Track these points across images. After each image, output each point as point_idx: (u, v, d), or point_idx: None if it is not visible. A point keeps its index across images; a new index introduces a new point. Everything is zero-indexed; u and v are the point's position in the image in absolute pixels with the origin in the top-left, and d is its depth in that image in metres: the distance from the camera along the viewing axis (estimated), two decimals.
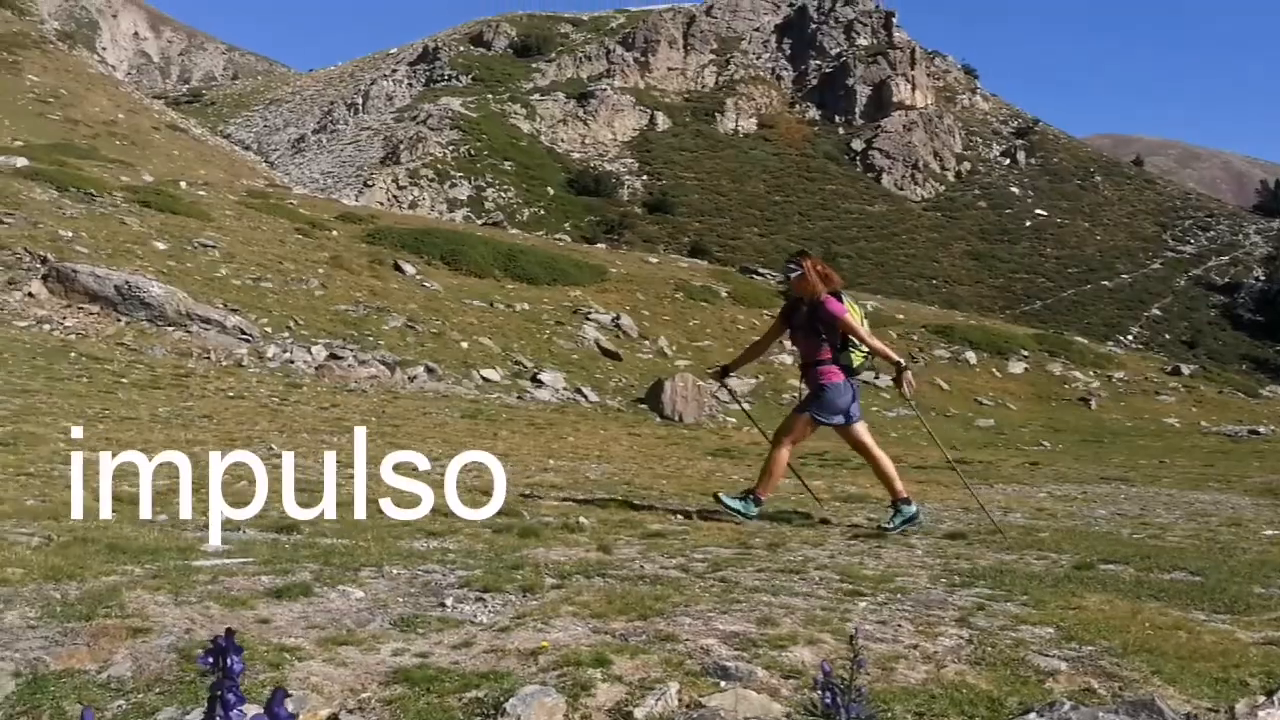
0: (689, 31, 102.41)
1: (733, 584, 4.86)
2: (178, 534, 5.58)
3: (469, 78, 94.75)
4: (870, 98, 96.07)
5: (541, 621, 3.87)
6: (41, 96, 55.57)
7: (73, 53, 66.19)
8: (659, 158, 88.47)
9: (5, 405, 11.95)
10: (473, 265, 32.08)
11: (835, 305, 7.80)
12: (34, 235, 22.78)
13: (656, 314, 32.19)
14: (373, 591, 4.34)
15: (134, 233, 25.12)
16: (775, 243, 78.96)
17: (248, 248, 27.12)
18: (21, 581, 4.00)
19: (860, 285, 64.62)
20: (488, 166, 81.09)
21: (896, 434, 26.37)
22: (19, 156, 29.40)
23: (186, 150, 57.98)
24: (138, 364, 17.57)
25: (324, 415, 15.07)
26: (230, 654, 1.44)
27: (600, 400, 24.13)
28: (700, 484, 10.84)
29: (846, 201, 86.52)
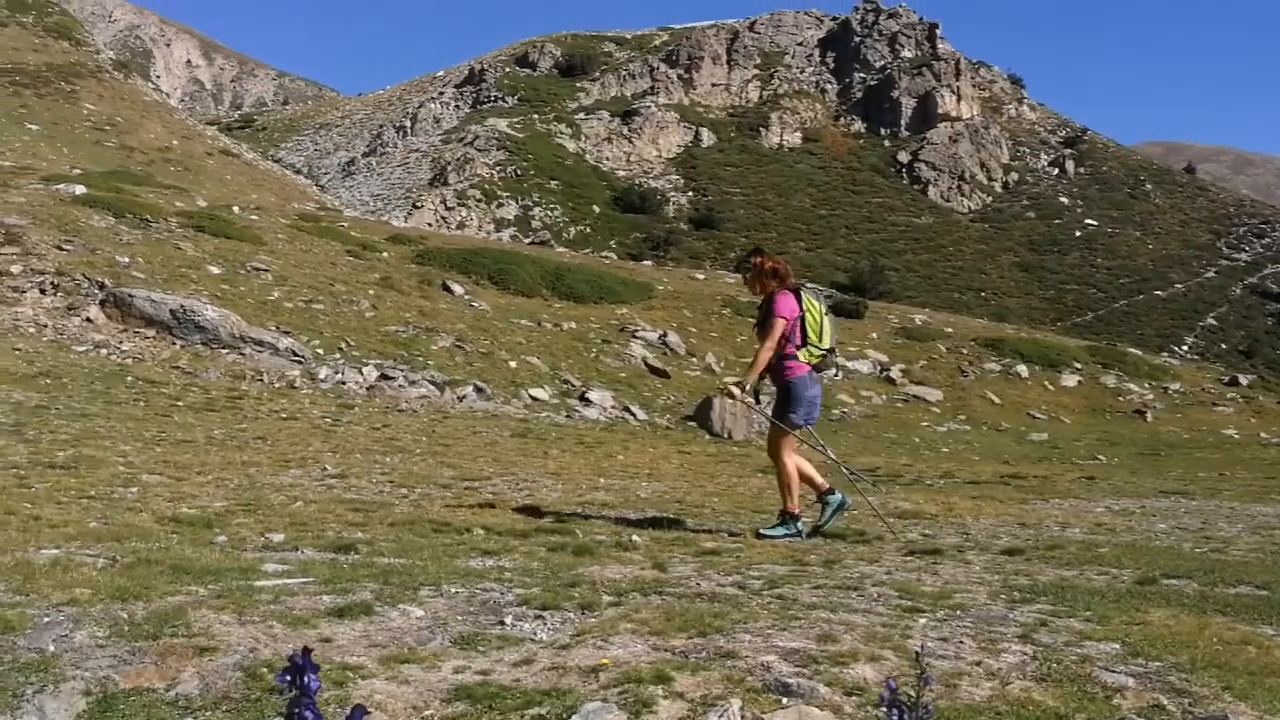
0: (732, 47, 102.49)
1: (790, 601, 4.83)
2: (238, 554, 5.65)
3: (515, 99, 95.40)
4: (915, 110, 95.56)
5: (601, 639, 3.88)
6: (98, 125, 56.69)
7: (128, 81, 67.48)
8: (704, 173, 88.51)
9: (65, 429, 12.16)
10: (520, 284, 32.25)
11: (780, 303, 7.69)
12: (92, 261, 23.20)
13: (704, 330, 32.17)
14: (432, 610, 4.36)
15: (189, 257, 25.52)
16: (822, 257, 78.63)
17: (300, 270, 27.46)
18: (90, 602, 4.07)
19: (908, 298, 64.16)
20: (534, 186, 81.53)
21: (948, 449, 26.15)
22: (77, 184, 29.98)
23: (239, 175, 58.86)
24: (193, 387, 17.84)
25: (376, 435, 15.20)
26: (307, 672, 1.46)
27: (649, 418, 24.13)
28: (752, 502, 10.80)
29: (893, 214, 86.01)
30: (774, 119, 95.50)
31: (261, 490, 8.88)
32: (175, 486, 8.74)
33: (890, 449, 25.20)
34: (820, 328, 7.77)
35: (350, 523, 7.37)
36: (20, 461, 9.46)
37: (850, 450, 23.59)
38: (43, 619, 3.82)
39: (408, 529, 7.17)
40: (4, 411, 12.77)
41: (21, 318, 20.37)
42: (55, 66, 61.31)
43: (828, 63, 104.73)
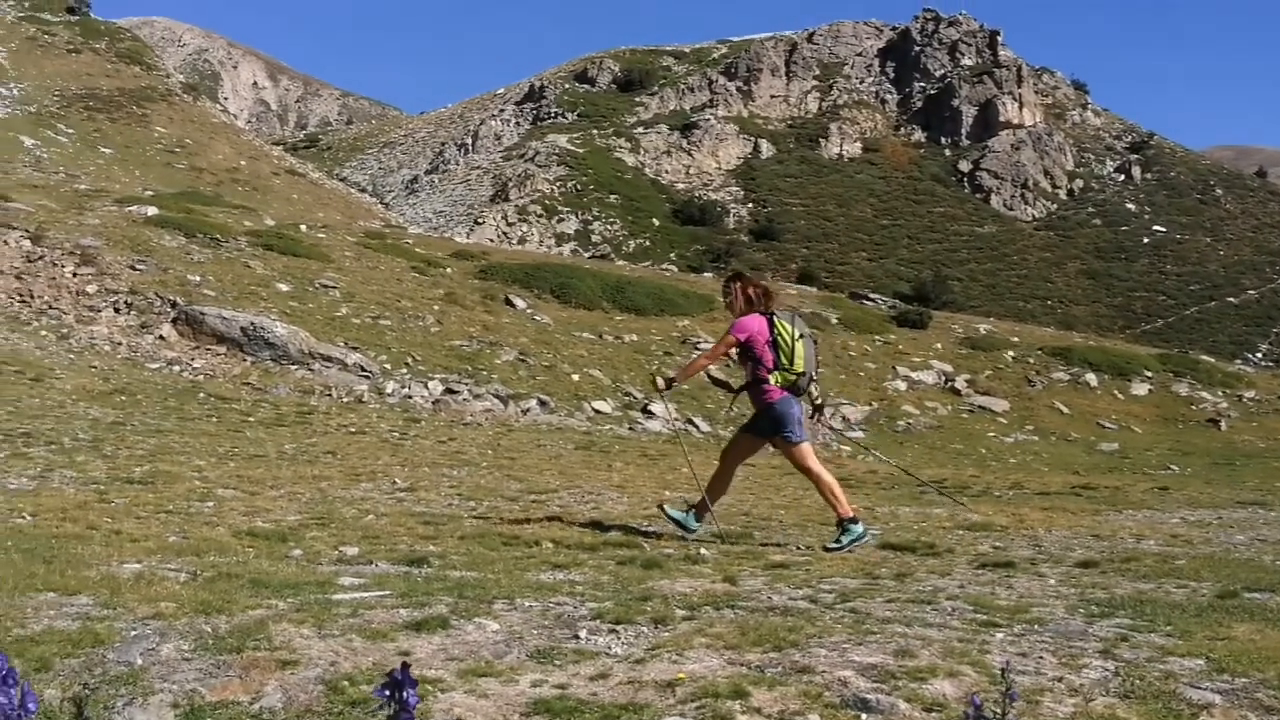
0: (791, 59, 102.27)
1: (864, 615, 4.80)
2: (314, 568, 5.73)
3: (574, 114, 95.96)
4: (976, 118, 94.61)
5: (676, 653, 3.88)
6: (169, 147, 57.95)
7: (197, 104, 68.94)
8: (764, 185, 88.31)
9: (141, 445, 12.42)
10: (582, 298, 32.40)
11: (739, 327, 7.93)
12: (164, 280, 23.70)
13: None
14: (507, 624, 4.39)
15: (258, 275, 25.97)
16: (884, 267, 78.05)
17: (366, 287, 27.82)
18: (174, 615, 4.15)
19: (972, 308, 63.45)
20: (594, 200, 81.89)
21: (1016, 459, 25.80)
22: (149, 205, 30.66)
23: (305, 194, 59.83)
24: (263, 402, 18.13)
25: (443, 449, 15.34)
26: (406, 687, 1.48)
27: (712, 430, 24.09)
28: (819, 514, 10.72)
29: (955, 223, 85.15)
30: (833, 130, 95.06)
31: (333, 504, 9.00)
32: (249, 501, 8.89)
33: (956, 460, 24.92)
34: (792, 351, 7.89)
35: (421, 536, 7.44)
36: (100, 477, 9.68)
37: (916, 461, 23.36)
38: (130, 632, 3.90)
39: (478, 542, 7.22)
40: (82, 428, 13.07)
41: (97, 336, 20.85)
42: (127, 91, 62.81)
43: (887, 72, 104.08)
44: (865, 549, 7.75)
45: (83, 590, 4.54)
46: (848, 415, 27.43)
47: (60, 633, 3.82)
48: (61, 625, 3.94)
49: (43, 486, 8.87)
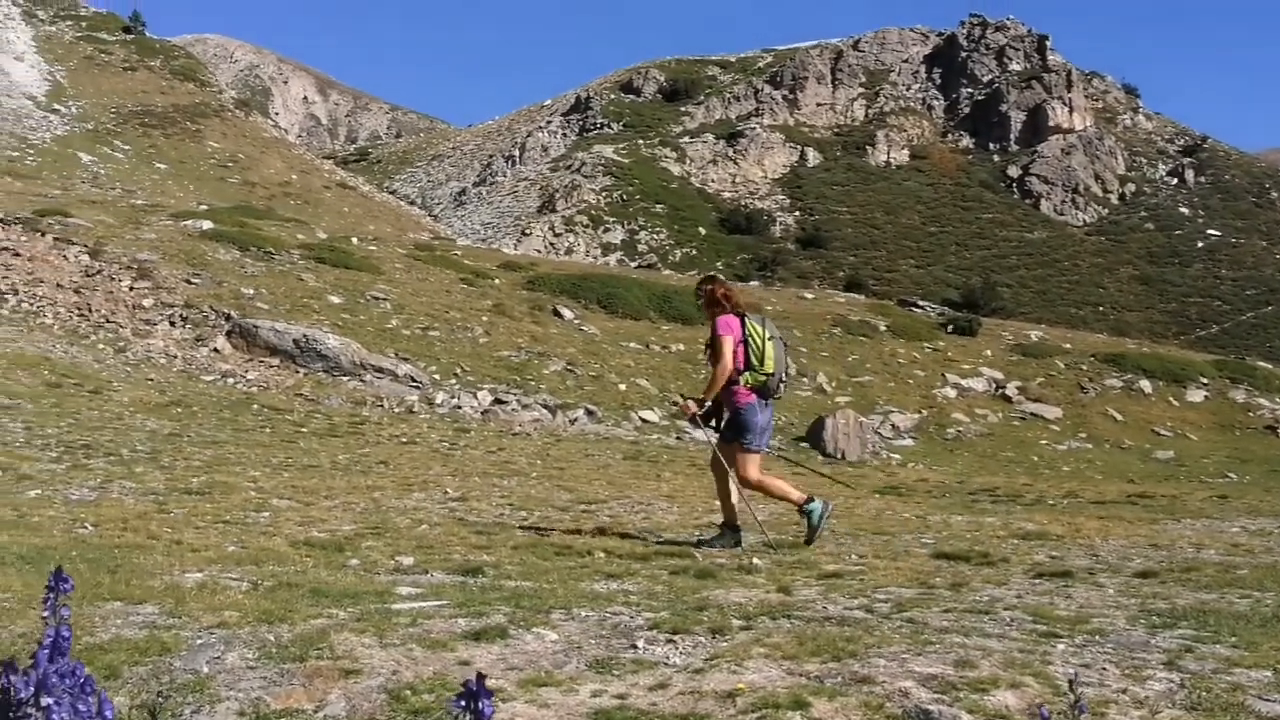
0: (836, 66, 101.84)
1: (921, 625, 4.76)
2: (371, 578, 5.79)
3: (620, 125, 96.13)
4: (1025, 123, 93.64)
5: (735, 663, 3.87)
6: (221, 161, 58.82)
7: (249, 119, 69.93)
8: (810, 193, 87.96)
9: (198, 456, 12.60)
10: (628, 308, 32.46)
11: (722, 323, 7.98)
12: (218, 294, 24.05)
13: (814, 350, 31.94)
14: (565, 633, 4.41)
15: (310, 288, 26.28)
16: (933, 274, 77.44)
17: (416, 299, 28.06)
18: (238, 624, 4.21)
19: (1022, 314, 62.77)
20: (640, 210, 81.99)
21: (1069, 467, 25.49)
22: (204, 220, 31.13)
23: (356, 207, 60.47)
24: (316, 413, 18.34)
25: (493, 459, 15.43)
26: (481, 697, 1.50)
27: None
28: (871, 523, 10.67)
29: (1005, 229, 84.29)
30: (880, 137, 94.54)
31: (387, 514, 9.09)
32: (304, 511, 8.99)
33: (1008, 468, 24.66)
34: (762, 352, 7.99)
35: (475, 545, 7.49)
36: (158, 488, 9.83)
37: (966, 469, 23.16)
38: (195, 641, 3.97)
39: (530, 552, 7.26)
40: (140, 439, 13.28)
41: (154, 349, 21.19)
42: (181, 107, 63.85)
43: (934, 79, 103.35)
44: (918, 558, 7.69)
45: (148, 599, 4.62)
46: (897, 423, 27.23)
47: (128, 641, 3.89)
48: (129, 633, 4.02)
49: (103, 497, 9.02)
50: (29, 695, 1.94)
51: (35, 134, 54.83)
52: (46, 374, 17.35)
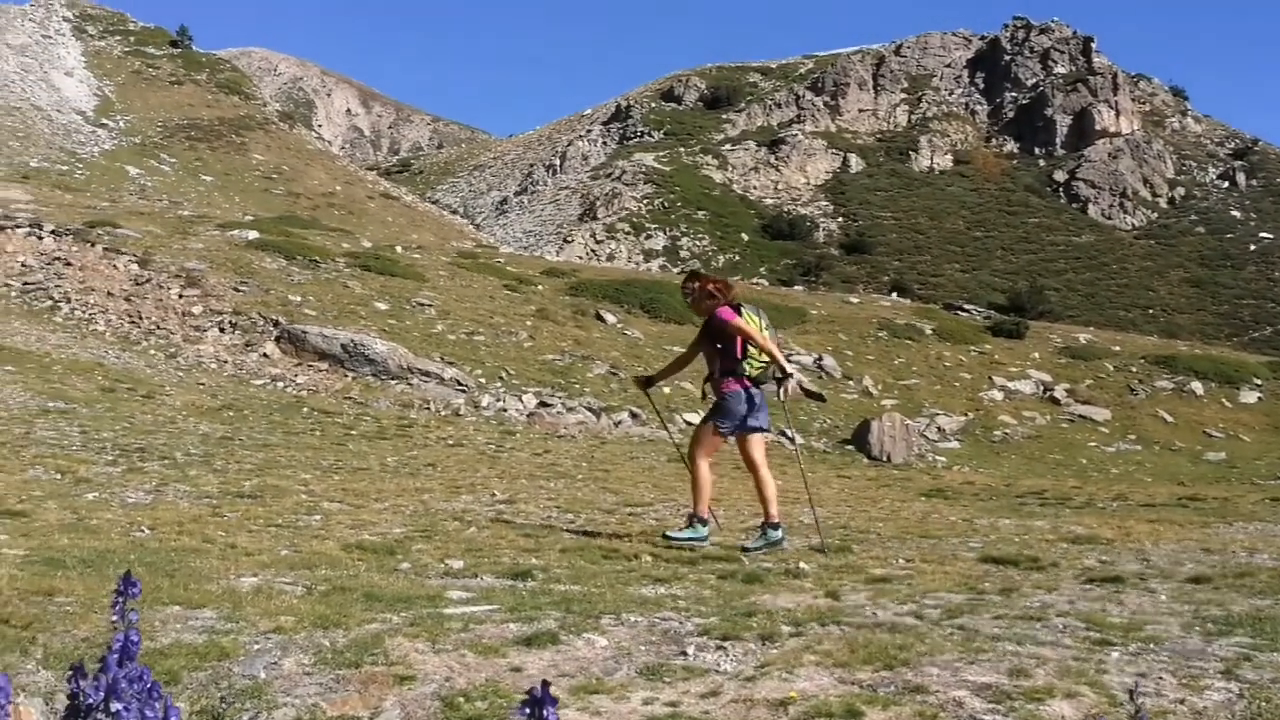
0: (878, 72, 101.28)
1: (973, 632, 4.72)
2: (422, 582, 5.83)
3: (661, 133, 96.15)
4: (1071, 127, 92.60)
5: (786, 670, 3.86)
6: (266, 174, 59.53)
7: (293, 131, 70.71)
8: (853, 199, 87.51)
9: (249, 459, 12.74)
10: (672, 312, 32.45)
11: (725, 313, 8.00)
12: (266, 301, 24.34)
13: (860, 354, 31.79)
14: (615, 639, 4.42)
15: (356, 295, 26.53)
16: (978, 278, 76.78)
17: (461, 305, 28.24)
18: (294, 629, 4.26)
19: (1070, 318, 62.08)
20: (681, 217, 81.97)
21: (1118, 470, 25.18)
22: (250, 230, 31.51)
23: (399, 217, 60.97)
24: (364, 416, 18.50)
25: (538, 461, 15.50)
26: (546, 705, 1.51)
27: (805, 442, 23.94)
28: (918, 526, 10.61)
29: (1051, 234, 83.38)
30: (923, 142, 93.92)
31: (436, 516, 9.15)
32: (355, 514, 9.07)
33: (1056, 470, 24.40)
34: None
35: (523, 549, 7.52)
36: (211, 491, 9.96)
37: (1014, 472, 22.94)
38: (253, 646, 4.02)
39: (578, 555, 7.28)
40: (193, 443, 13.46)
41: (204, 355, 21.48)
42: (226, 120, 64.67)
43: (977, 83, 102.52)
44: (966, 562, 7.64)
45: (206, 603, 4.68)
46: (943, 426, 27.02)
47: (187, 645, 3.94)
48: (188, 638, 4.07)
49: (158, 500, 9.15)
50: (99, 700, 1.99)
51: (84, 148, 55.77)
52: (100, 379, 17.64)
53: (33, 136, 54.52)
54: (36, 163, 50.92)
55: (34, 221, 28.39)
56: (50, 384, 16.38)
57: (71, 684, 2.06)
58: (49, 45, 66.78)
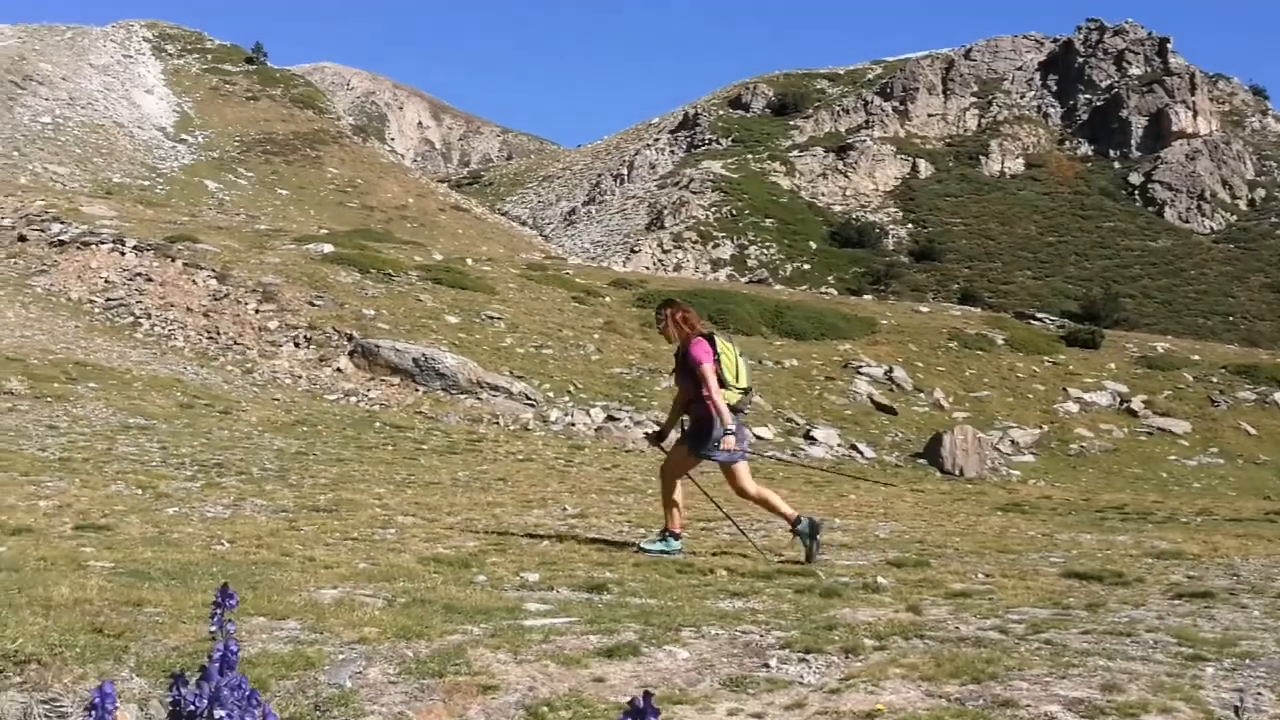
0: (948, 76, 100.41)
1: (1060, 647, 4.63)
2: (499, 594, 5.86)
3: (728, 140, 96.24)
4: (1147, 128, 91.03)
5: (871, 683, 3.82)
6: (341, 187, 60.52)
7: (366, 145, 71.83)
8: (923, 205, 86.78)
9: (324, 474, 12.93)
10: (739, 323, 32.35)
11: (696, 349, 8.12)
12: (341, 315, 24.70)
13: (931, 365, 31.42)
14: (696, 651, 4.40)
15: (428, 308, 26.83)
16: (1051, 285, 75.68)
17: (529, 317, 28.43)
18: (378, 640, 4.30)
19: (1147, 325, 60.90)
20: (749, 225, 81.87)
21: (1200, 484, 24.60)
22: (325, 243, 32.02)
23: (469, 229, 61.60)
24: (435, 431, 18.69)
25: (608, 475, 15.52)
26: (648, 715, 1.50)
27: (876, 456, 23.73)
28: (995, 541, 10.43)
29: (1126, 238, 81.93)
30: (994, 146, 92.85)
31: (508, 530, 9.20)
32: (429, 527, 9.15)
33: (1135, 485, 23.90)
34: (735, 369, 8.26)
35: (597, 562, 7.53)
36: (288, 505, 10.11)
37: (1092, 486, 22.51)
38: (338, 656, 4.07)
39: (653, 569, 7.27)
40: (269, 458, 13.69)
41: (279, 370, 21.85)
42: (301, 134, 65.88)
43: (1049, 86, 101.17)
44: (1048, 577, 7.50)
45: (290, 615, 4.75)
46: (1016, 439, 26.61)
47: (274, 655, 4.00)
48: (274, 648, 4.14)
49: (236, 514, 9.31)
50: (203, 708, 2.03)
51: (164, 163, 57.11)
52: (179, 395, 18.01)
53: (115, 153, 55.99)
54: (119, 178, 52.28)
55: (117, 237, 29.12)
56: (131, 400, 16.76)
57: (174, 691, 2.10)
58: (130, 64, 68.58)
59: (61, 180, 48.77)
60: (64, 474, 10.85)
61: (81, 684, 3.48)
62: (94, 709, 2.00)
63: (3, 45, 63.09)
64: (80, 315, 24.57)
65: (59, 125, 55.71)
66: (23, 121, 54.26)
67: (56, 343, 21.09)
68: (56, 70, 61.47)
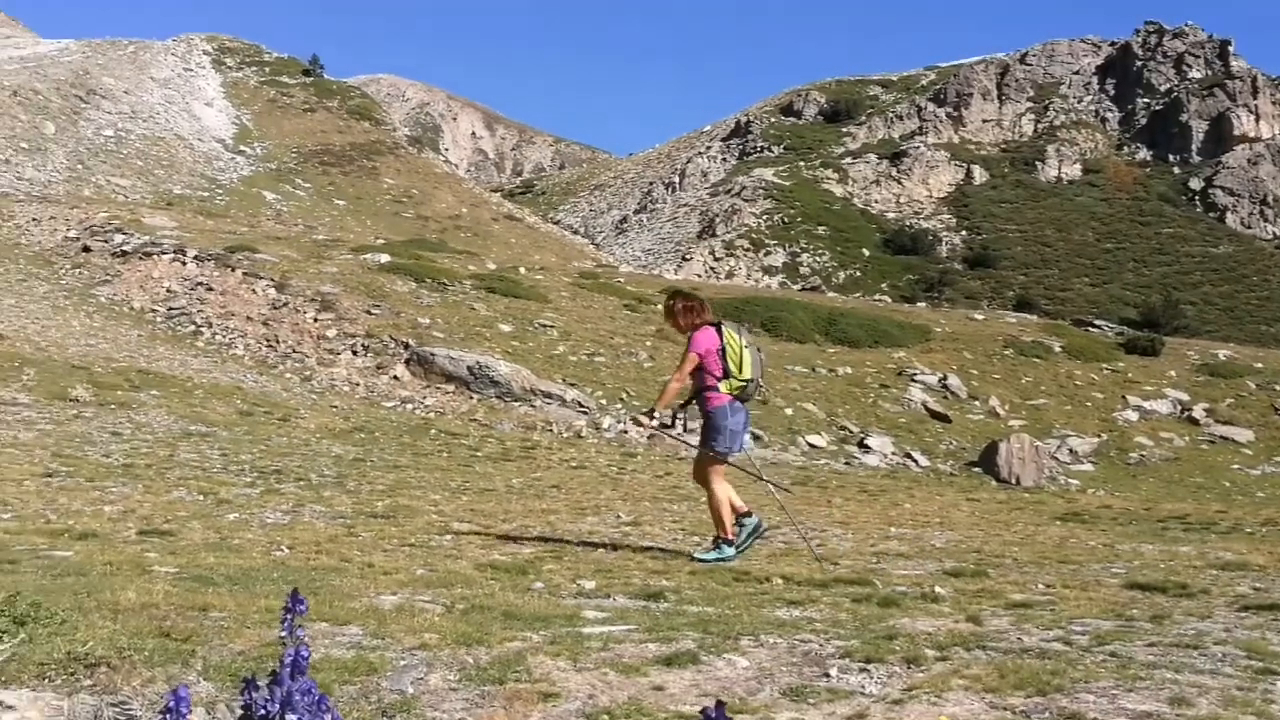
0: (1003, 81, 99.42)
1: (1126, 659, 4.55)
2: (557, 601, 5.88)
3: (780, 148, 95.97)
4: (1207, 133, 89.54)
5: (934, 694, 3.78)
6: (396, 197, 61.14)
7: (421, 155, 72.52)
8: (977, 211, 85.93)
9: (381, 480, 13.05)
10: (792, 331, 32.24)
11: (696, 336, 8.28)
12: (397, 324, 24.94)
13: (986, 373, 31.09)
14: (756, 660, 4.39)
15: (482, 317, 27.01)
16: (1109, 292, 74.60)
17: (582, 325, 28.51)
18: (438, 646, 4.33)
19: (1208, 333, 59.81)
20: (801, 232, 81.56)
21: (1264, 493, 24.12)
22: (382, 253, 32.36)
23: (522, 238, 61.95)
24: (489, 438, 18.80)
25: (660, 483, 15.52)
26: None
27: (931, 464, 23.51)
28: (1055, 551, 10.29)
29: (1187, 245, 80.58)
30: (1050, 152, 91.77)
31: (563, 538, 9.23)
32: (484, 534, 9.21)
33: (1197, 494, 23.47)
34: (740, 359, 8.32)
35: (652, 570, 7.53)
36: (346, 511, 10.22)
37: (1152, 496, 22.13)
38: (399, 662, 4.10)
39: (709, 577, 7.26)
40: (327, 464, 13.84)
41: (337, 377, 22.10)
42: (358, 145, 66.65)
43: (1107, 90, 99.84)
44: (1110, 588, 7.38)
45: (351, 620, 4.80)
46: (1074, 447, 26.24)
47: (337, 660, 4.04)
48: (337, 653, 4.18)
49: (295, 520, 9.42)
50: (275, 712, 2.05)
51: (224, 175, 58.03)
52: (239, 403, 18.27)
53: (176, 164, 56.98)
54: (180, 189, 53.21)
55: (178, 247, 29.63)
56: (192, 408, 17.03)
57: (245, 695, 2.13)
58: (190, 78, 69.80)
59: (124, 192, 49.72)
60: (127, 480, 11.04)
61: (150, 687, 3.53)
62: (169, 713, 2.03)
63: (68, 61, 64.48)
64: (142, 324, 25.03)
65: (121, 138, 56.82)
66: (87, 135, 55.40)
67: (120, 351, 21.49)
68: (119, 84, 62.72)
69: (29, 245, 31.95)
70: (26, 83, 56.74)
